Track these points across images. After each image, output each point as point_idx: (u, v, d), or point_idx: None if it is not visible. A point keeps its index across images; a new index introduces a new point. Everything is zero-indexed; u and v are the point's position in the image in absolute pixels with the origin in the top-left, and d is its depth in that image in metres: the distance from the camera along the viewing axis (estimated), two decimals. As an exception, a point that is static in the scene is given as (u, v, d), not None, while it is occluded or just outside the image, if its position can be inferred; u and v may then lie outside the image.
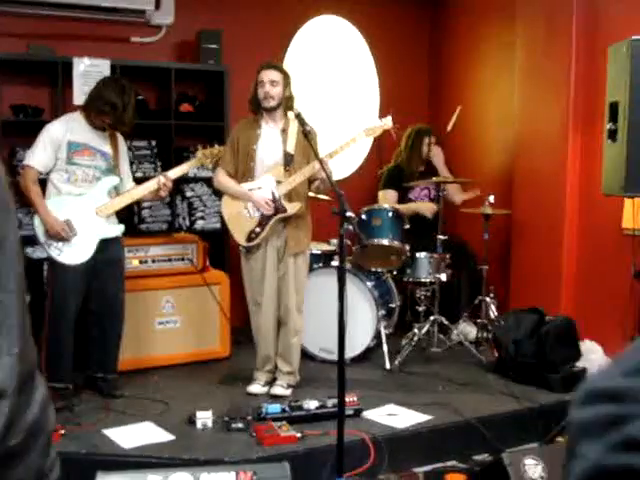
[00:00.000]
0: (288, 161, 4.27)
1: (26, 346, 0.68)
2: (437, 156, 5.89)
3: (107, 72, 5.02)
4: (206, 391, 4.46)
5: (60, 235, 4.06)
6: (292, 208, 4.26)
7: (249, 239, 4.28)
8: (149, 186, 4.35)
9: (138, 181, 4.58)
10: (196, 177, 5.61)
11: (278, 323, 4.40)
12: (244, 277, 4.43)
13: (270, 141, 4.31)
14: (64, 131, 4.16)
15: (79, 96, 4.81)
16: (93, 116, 4.20)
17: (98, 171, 4.22)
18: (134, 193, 4.37)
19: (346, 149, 4.28)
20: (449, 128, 5.51)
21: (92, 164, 4.20)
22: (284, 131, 4.31)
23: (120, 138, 4.42)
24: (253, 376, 4.46)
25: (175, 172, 4.45)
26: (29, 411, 0.68)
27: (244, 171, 4.32)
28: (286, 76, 4.31)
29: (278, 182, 4.24)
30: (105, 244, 4.22)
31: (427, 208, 5.57)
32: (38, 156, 4.12)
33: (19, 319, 0.68)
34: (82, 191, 4.18)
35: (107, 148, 4.29)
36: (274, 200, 4.22)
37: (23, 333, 0.68)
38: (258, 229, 4.26)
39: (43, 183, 4.20)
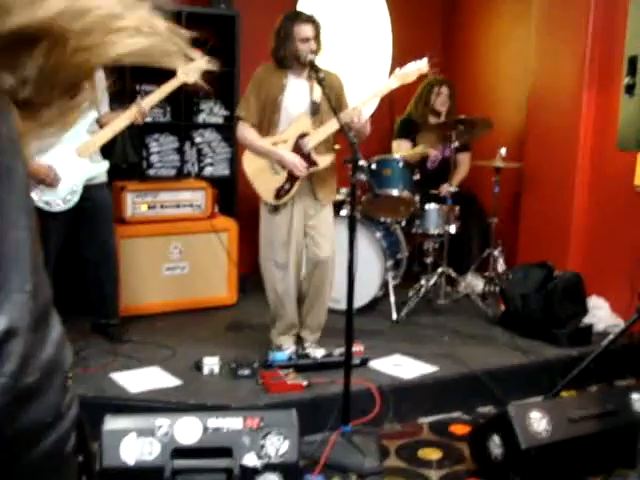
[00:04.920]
0: (315, 110, 4.00)
1: (40, 283, 0.67)
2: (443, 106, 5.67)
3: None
4: (213, 338, 4.48)
5: (45, 181, 3.80)
6: (324, 161, 3.99)
7: (278, 196, 3.98)
8: (128, 116, 3.99)
9: (148, 127, 4.38)
10: (205, 123, 5.54)
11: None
12: (263, 233, 4.10)
13: (297, 91, 4.01)
14: None
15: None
16: None
17: None
18: (114, 126, 4.01)
19: (380, 96, 4.09)
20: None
21: None
22: (310, 78, 4.00)
23: None
24: (277, 342, 4.17)
25: (151, 100, 4.07)
26: (44, 349, 0.66)
27: (268, 122, 4.01)
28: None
29: (305, 134, 3.98)
30: (91, 191, 4.03)
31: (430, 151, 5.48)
32: None
33: (32, 255, 0.66)
34: None
35: None
36: (307, 158, 3.96)
37: (36, 269, 0.66)
38: (287, 186, 3.95)
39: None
